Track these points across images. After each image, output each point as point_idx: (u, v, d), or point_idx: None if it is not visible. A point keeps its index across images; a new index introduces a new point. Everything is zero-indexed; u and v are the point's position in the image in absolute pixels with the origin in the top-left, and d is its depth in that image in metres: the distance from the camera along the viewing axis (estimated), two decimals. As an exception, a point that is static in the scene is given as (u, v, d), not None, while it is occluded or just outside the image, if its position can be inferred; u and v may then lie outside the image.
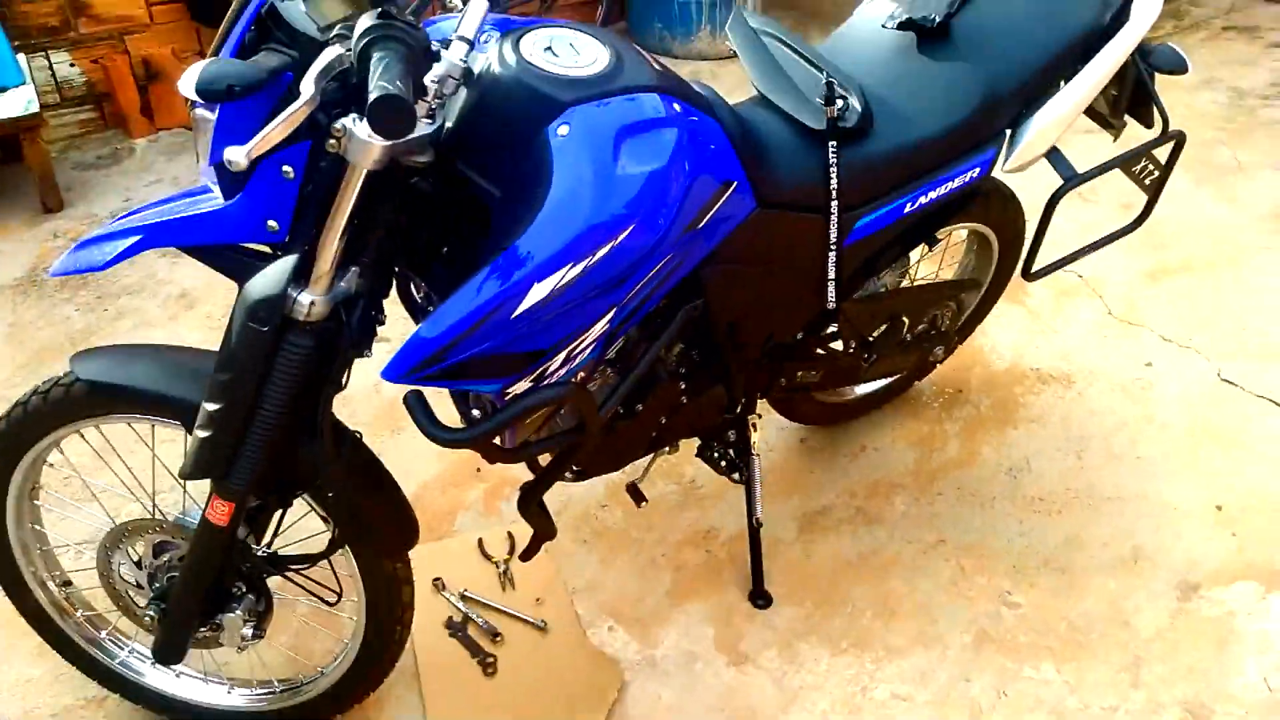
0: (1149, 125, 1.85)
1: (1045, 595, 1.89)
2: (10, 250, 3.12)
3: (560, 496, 2.12)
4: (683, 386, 1.61)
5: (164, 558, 1.48)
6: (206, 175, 1.19)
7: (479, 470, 2.23)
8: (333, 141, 1.08)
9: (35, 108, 3.24)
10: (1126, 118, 1.86)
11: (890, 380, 2.25)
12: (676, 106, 1.25)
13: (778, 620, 1.87)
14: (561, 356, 1.25)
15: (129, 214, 1.28)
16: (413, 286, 1.45)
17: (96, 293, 2.91)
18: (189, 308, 2.84)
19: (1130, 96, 1.80)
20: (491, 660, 1.79)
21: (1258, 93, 3.83)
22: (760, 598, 1.89)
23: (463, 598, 1.90)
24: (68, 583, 1.65)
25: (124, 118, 3.81)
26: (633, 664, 1.80)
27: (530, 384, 1.25)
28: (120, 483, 1.61)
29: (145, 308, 2.84)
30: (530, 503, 1.51)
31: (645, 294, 1.31)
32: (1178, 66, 1.69)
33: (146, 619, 1.51)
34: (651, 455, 1.74)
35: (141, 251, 1.21)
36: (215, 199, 1.20)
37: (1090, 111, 1.86)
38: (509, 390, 1.24)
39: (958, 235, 2.10)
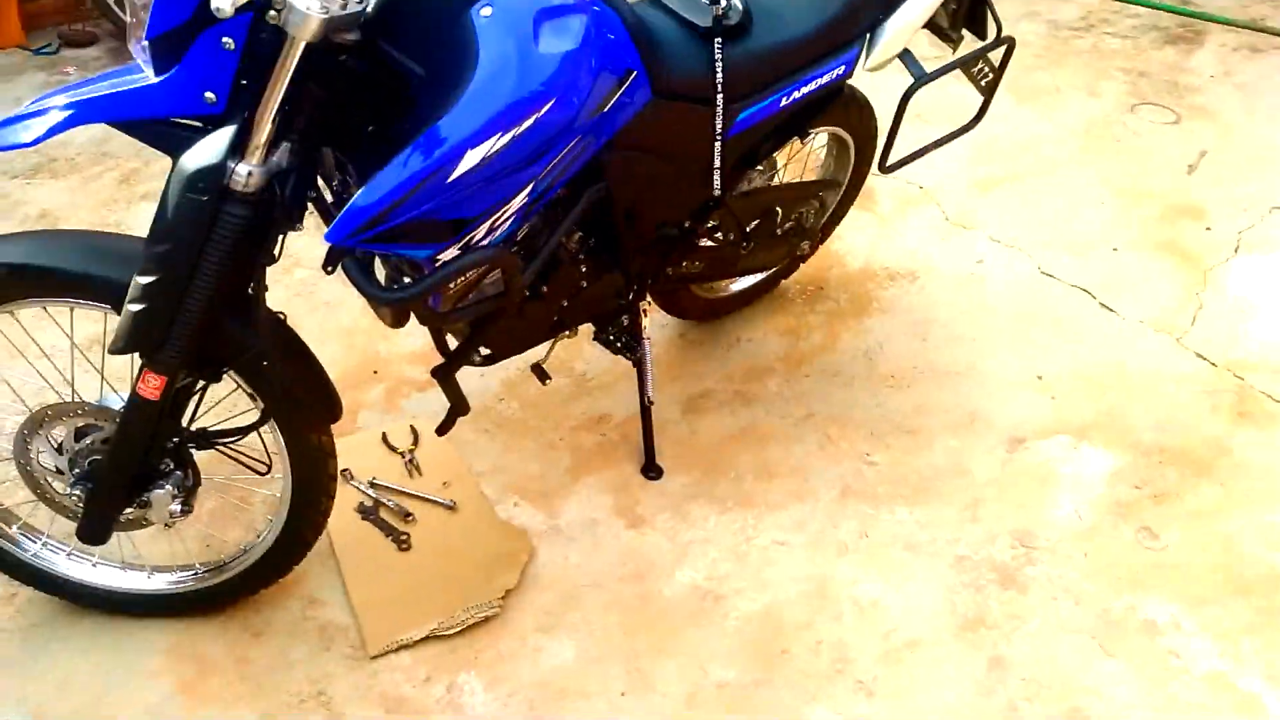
0: (983, 36, 2.08)
1: (898, 454, 2.15)
2: None
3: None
4: (583, 270, 1.75)
5: (86, 441, 1.51)
6: (137, 51, 1.22)
7: (375, 372, 2.31)
8: (273, 13, 1.15)
9: None
10: (964, 31, 2.09)
11: (761, 278, 2.45)
12: (580, -6, 1.37)
13: (669, 487, 2.05)
14: (485, 226, 1.36)
15: (52, 93, 1.29)
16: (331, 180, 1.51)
17: (-59, 213, 2.77)
18: (50, 225, 2.75)
19: (966, 10, 2.02)
20: (405, 536, 1.90)
21: (1070, 25, 4.22)
22: (652, 470, 2.07)
23: (372, 485, 1.99)
24: (-25, 477, 1.65)
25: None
26: (539, 532, 1.95)
27: (458, 251, 1.36)
28: (35, 371, 1.62)
29: (1, 229, 2.72)
30: (448, 375, 1.62)
31: (557, 172, 1.43)
32: (1007, -21, 1.92)
33: (70, 502, 1.54)
34: (553, 339, 1.87)
35: (73, 127, 1.23)
36: (146, 76, 1.24)
37: (932, 26, 2.08)
38: (438, 257, 1.35)
39: (819, 140, 2.29)
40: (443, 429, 1.73)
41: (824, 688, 1.71)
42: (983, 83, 2.01)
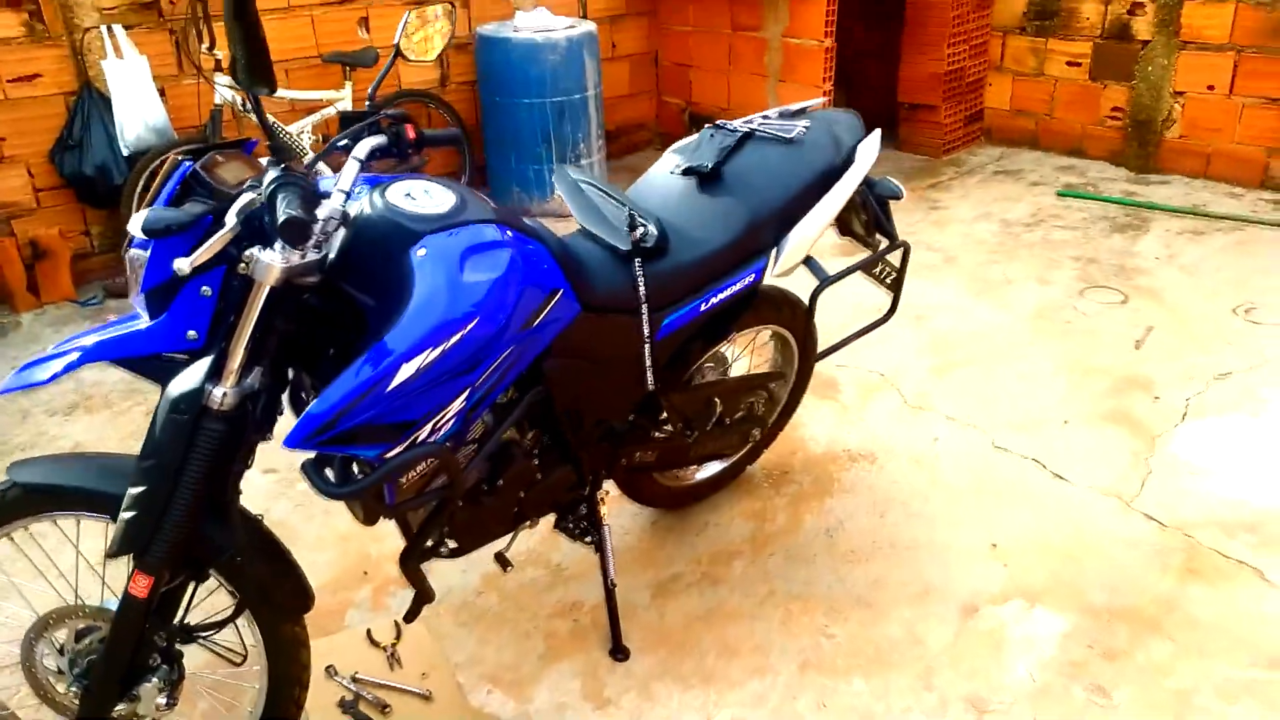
0: (894, 240, 2.36)
1: (856, 626, 2.25)
2: (-103, 419, 3.25)
3: (441, 586, 2.38)
4: (536, 464, 1.95)
5: (85, 641, 1.68)
6: (137, 303, 1.51)
7: (365, 573, 2.48)
8: (242, 265, 1.43)
9: (-75, 285, 3.44)
10: (878, 236, 2.37)
11: (725, 466, 2.64)
12: (509, 233, 1.66)
13: (636, 668, 2.16)
14: (428, 428, 1.59)
15: (67, 340, 1.56)
16: (301, 392, 1.77)
17: (-12, 451, 3.06)
18: (81, 458, 3.02)
19: (874, 221, 2.31)
20: (383, 728, 2.01)
21: (1022, 222, 4.58)
22: (619, 651, 2.18)
23: (354, 679, 2.12)
24: (-13, 683, 1.81)
25: (10, 294, 4.02)
26: (510, 719, 2.05)
27: (407, 449, 1.58)
28: (44, 578, 1.82)
29: (37, 461, 3.00)
30: (409, 562, 1.79)
31: (495, 379, 1.67)
32: (895, 193, 2.21)
33: (69, 701, 1.70)
34: (514, 530, 2.05)
35: (82, 366, 1.50)
36: (141, 321, 1.51)
37: (852, 234, 2.38)
38: (386, 456, 1.56)
39: (763, 337, 2.55)
40: (409, 616, 1.88)
41: None
42: (887, 281, 2.27)
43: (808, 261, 2.16)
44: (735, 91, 5.47)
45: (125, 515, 1.51)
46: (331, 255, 1.55)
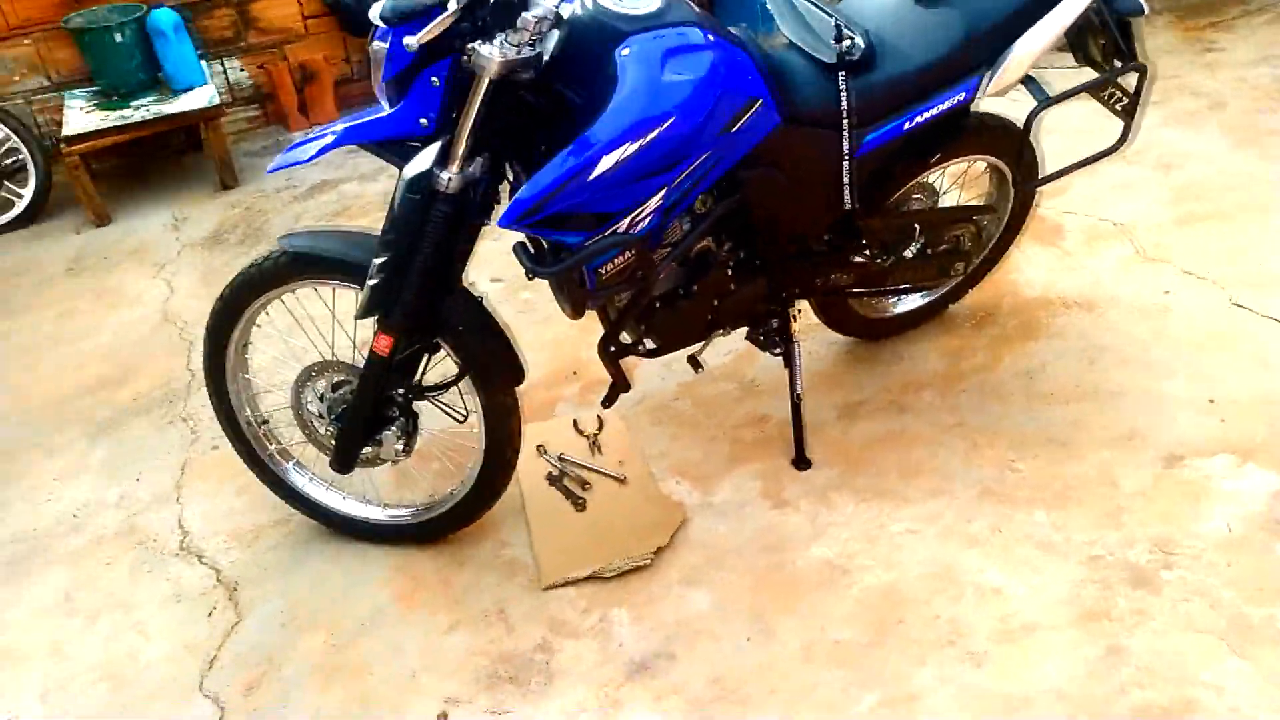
0: (1130, 62, 2.17)
1: (1045, 464, 2.23)
2: (198, 217, 3.79)
3: (641, 389, 2.57)
4: (730, 273, 2.05)
5: (340, 391, 2.00)
6: (380, 93, 1.70)
7: (575, 373, 2.70)
8: (466, 58, 1.57)
9: (217, 100, 3.93)
10: (1117, 62, 2.20)
11: (926, 301, 2.63)
12: (711, 37, 1.70)
13: (815, 478, 2.27)
14: (626, 221, 1.71)
15: (322, 128, 1.79)
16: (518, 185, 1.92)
17: (268, 246, 3.51)
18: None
19: (1114, 45, 2.13)
20: (581, 501, 2.25)
21: (1314, 67, 4.02)
22: (801, 461, 2.29)
23: (559, 458, 2.37)
24: (265, 421, 2.19)
25: (284, 114, 4.49)
26: (694, 506, 2.23)
27: (607, 239, 1.71)
28: (309, 340, 2.14)
29: (306, 259, 3.43)
30: (607, 350, 1.97)
31: (692, 181, 1.75)
32: (1136, 9, 2.03)
33: (327, 439, 2.03)
34: (709, 337, 2.17)
35: (335, 148, 1.72)
36: (384, 111, 1.71)
37: (1090, 61, 2.22)
38: (587, 245, 1.70)
39: (977, 169, 2.46)
40: (607, 402, 2.08)
41: (933, 654, 1.85)
42: (1118, 108, 2.12)
43: (1027, 82, 2.06)
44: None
45: (371, 282, 1.75)
46: (546, 55, 1.66)
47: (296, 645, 1.99)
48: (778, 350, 2.24)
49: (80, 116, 3.80)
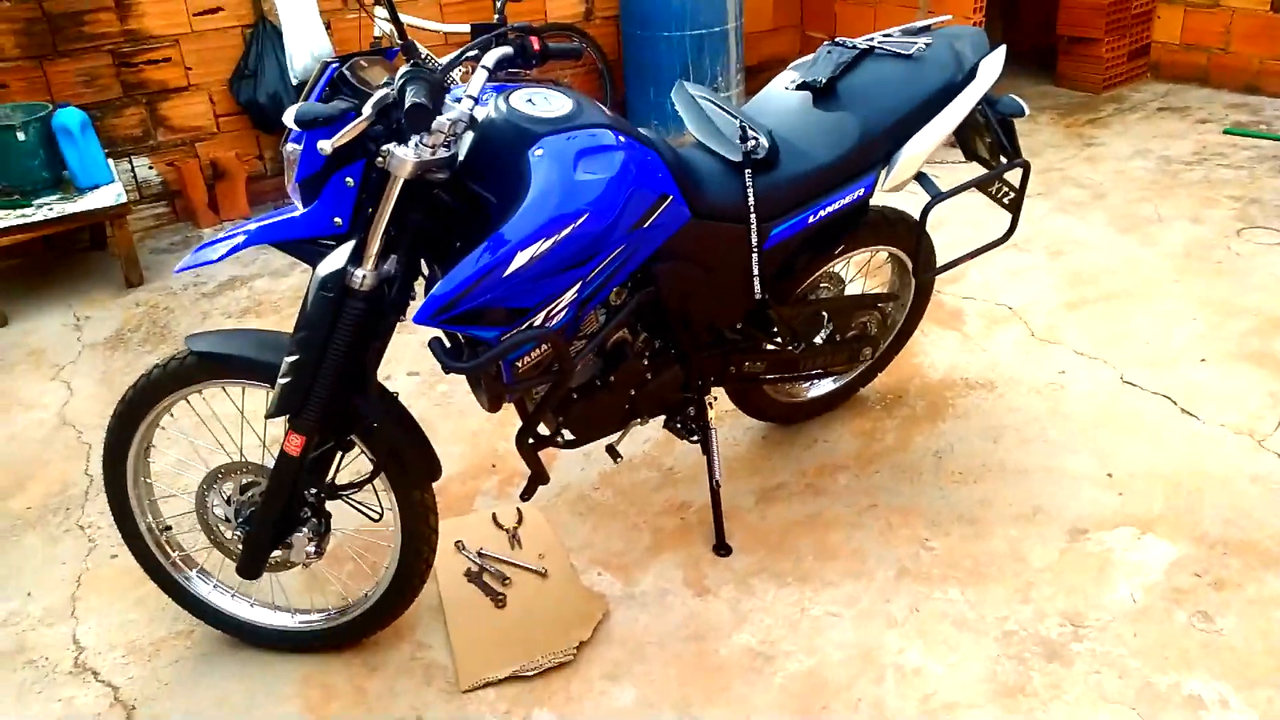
0: (1014, 159, 2.31)
1: (957, 541, 2.29)
2: (101, 317, 3.68)
3: (560, 481, 2.56)
4: (646, 364, 2.08)
5: (248, 494, 1.94)
6: (293, 193, 1.70)
7: (493, 466, 2.68)
8: (380, 159, 1.59)
9: (124, 199, 3.87)
10: (1002, 159, 2.34)
11: (836, 385, 2.70)
12: (622, 138, 1.76)
13: (736, 564, 2.27)
14: (541, 316, 1.73)
15: (233, 227, 1.78)
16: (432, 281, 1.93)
17: (175, 345, 3.44)
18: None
19: (999, 143, 2.28)
20: (501, 597, 2.20)
21: (1182, 160, 4.34)
22: (721, 548, 2.30)
23: (479, 554, 2.33)
24: (168, 528, 2.10)
25: (193, 211, 4.44)
26: (616, 598, 2.21)
27: (520, 334, 1.73)
28: (214, 440, 2.09)
29: (215, 357, 3.35)
30: (524, 442, 1.96)
31: (605, 275, 1.79)
32: (1017, 111, 2.18)
33: (234, 544, 1.96)
34: (626, 427, 2.19)
35: (246, 248, 1.71)
36: (296, 211, 1.71)
37: (976, 157, 2.36)
38: (502, 339, 1.72)
39: (879, 259, 2.57)
40: (525, 495, 2.06)
41: (858, 740, 1.84)
42: (1005, 200, 2.25)
43: (920, 178, 2.18)
44: (882, 24, 5.34)
45: (282, 381, 1.72)
46: (460, 155, 1.70)
47: (199, 766, 1.89)
48: (695, 438, 2.26)
49: (-24, 216, 3.69)
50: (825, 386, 2.70)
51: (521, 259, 1.62)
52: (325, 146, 1.51)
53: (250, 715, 1.98)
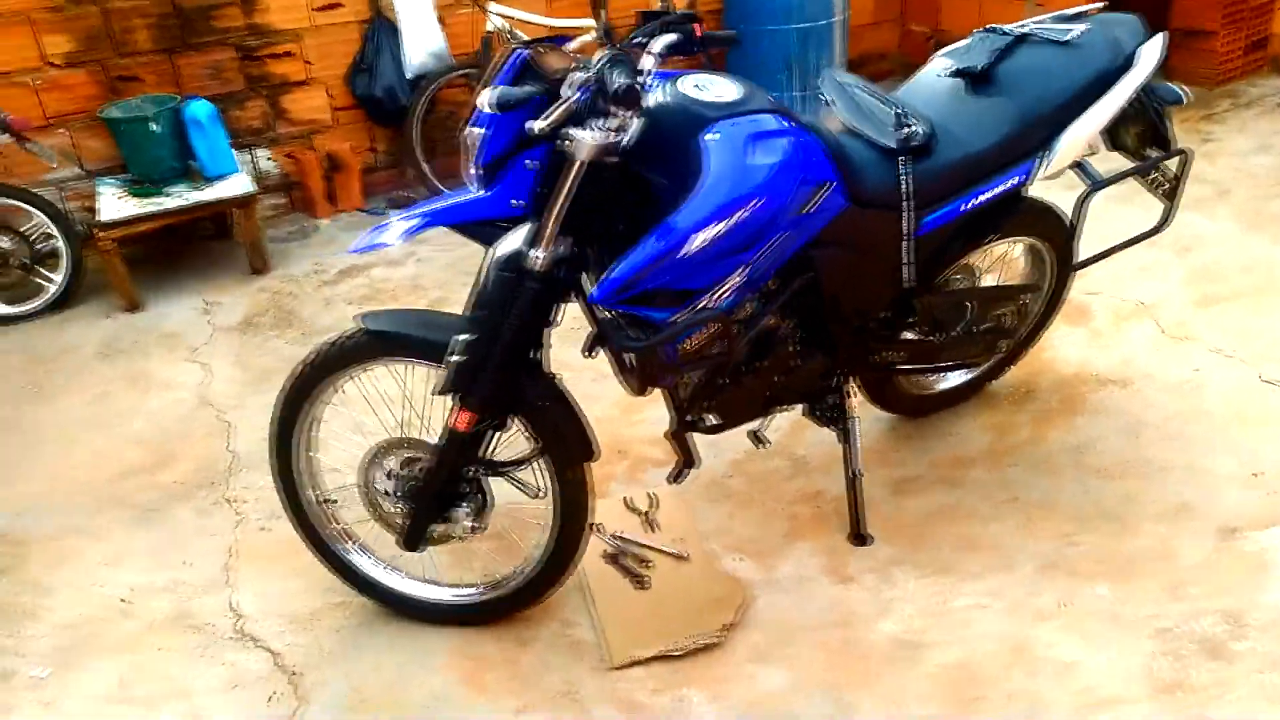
0: (1171, 148, 2.27)
1: (1103, 538, 2.25)
2: (229, 303, 3.82)
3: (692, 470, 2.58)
4: (794, 351, 2.09)
5: (410, 469, 2.00)
6: (470, 178, 1.75)
7: (621, 452, 2.72)
8: (562, 143, 1.63)
9: (252, 189, 3.99)
10: (1150, 150, 2.30)
11: (968, 378, 2.68)
12: (788, 123, 1.78)
13: (875, 554, 2.27)
14: (707, 298, 1.76)
15: (406, 210, 1.84)
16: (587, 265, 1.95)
17: (301, 330, 3.56)
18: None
19: (1150, 133, 2.24)
20: (643, 579, 2.24)
21: (1309, 154, 4.19)
22: (860, 537, 2.30)
23: (616, 537, 2.36)
24: (331, 500, 2.18)
25: (310, 202, 4.57)
26: (756, 583, 2.22)
27: (690, 315, 1.76)
28: (376, 417, 2.15)
29: (341, 342, 3.45)
30: (678, 429, 1.99)
31: (768, 260, 1.81)
32: (1176, 99, 2.14)
33: (394, 518, 2.03)
34: (768, 413, 2.20)
35: (425, 229, 1.77)
36: (472, 194, 1.76)
37: (1123, 147, 2.32)
38: (672, 321, 1.75)
39: (1015, 252, 2.54)
40: (676, 479, 2.09)
41: (1016, 731, 1.83)
42: (1160, 191, 2.21)
43: (1079, 166, 2.15)
44: (989, 18, 5.25)
45: (455, 359, 1.78)
46: (626, 141, 1.73)
47: (363, 730, 1.95)
48: (839, 427, 2.26)
49: (114, 203, 3.85)
50: (956, 379, 2.68)
51: (698, 241, 1.64)
52: (537, 126, 1.55)
53: (408, 682, 2.05)
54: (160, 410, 3.12)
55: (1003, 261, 2.54)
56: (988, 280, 2.53)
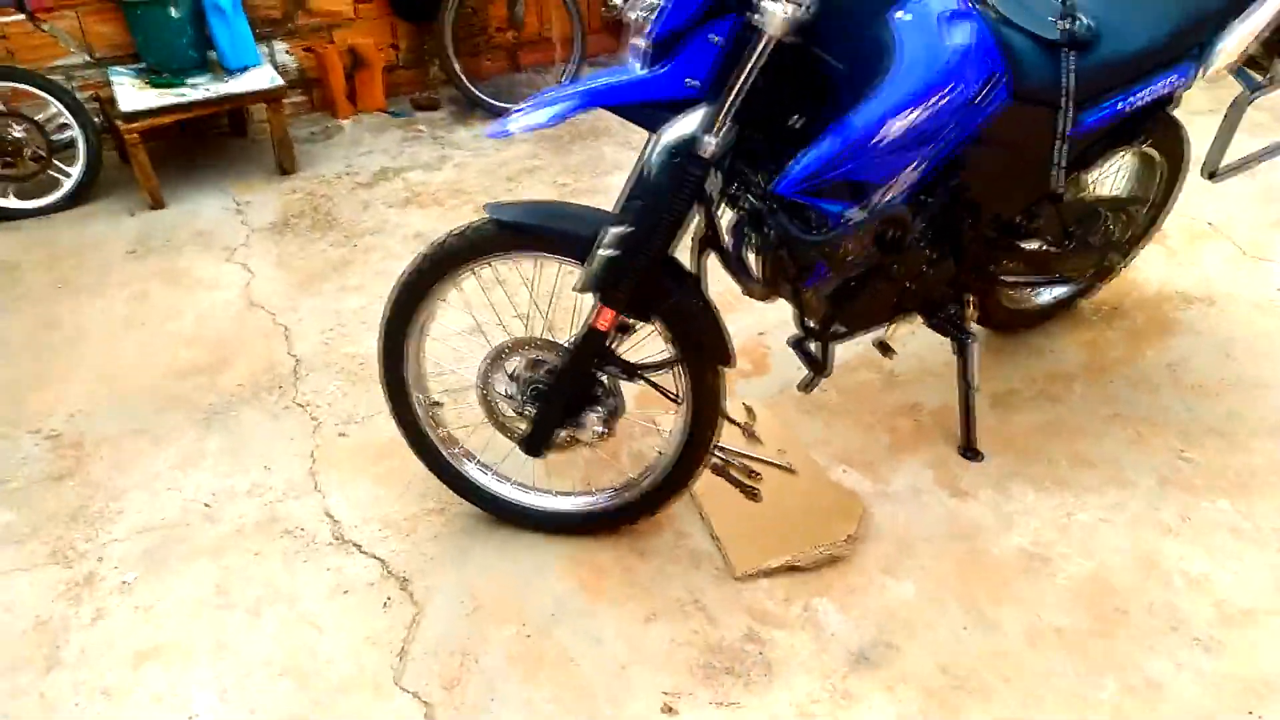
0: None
1: (1213, 454, 2.24)
2: (260, 202, 3.62)
3: (779, 378, 2.52)
4: (927, 254, 2.00)
5: (536, 371, 1.90)
6: (635, 54, 1.62)
7: (708, 362, 2.63)
8: (755, 16, 1.51)
9: (279, 82, 3.76)
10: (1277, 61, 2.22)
11: (1063, 293, 2.62)
12: (969, 5, 1.66)
13: (986, 467, 2.24)
14: (880, 193, 1.66)
15: (550, 90, 1.70)
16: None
17: (343, 233, 3.39)
18: (424, 243, 3.29)
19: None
20: (753, 490, 2.18)
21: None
22: (971, 451, 2.26)
23: (720, 449, 2.29)
24: (437, 403, 2.07)
25: (331, 100, 4.34)
26: (869, 494, 2.18)
27: (862, 211, 1.66)
28: (495, 312, 2.03)
29: (388, 244, 3.30)
30: (803, 344, 1.92)
31: (940, 153, 1.71)
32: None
33: (517, 422, 1.93)
34: (892, 321, 2.12)
35: (581, 110, 1.63)
36: (632, 72, 1.63)
37: (1249, 59, 2.23)
38: (845, 215, 1.65)
39: (1125, 160, 2.47)
40: (806, 387, 2.02)
41: (1162, 642, 1.82)
42: (1306, 98, 2.14)
43: (1238, 71, 2.06)
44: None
45: (605, 253, 1.66)
46: (810, 9, 1.59)
47: (488, 636, 1.89)
48: (960, 337, 2.19)
49: (134, 94, 3.60)
50: (1053, 294, 2.62)
51: (891, 128, 1.54)
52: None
53: (525, 588, 1.98)
54: (207, 311, 2.96)
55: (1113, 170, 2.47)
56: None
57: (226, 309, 2.96)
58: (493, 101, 4.33)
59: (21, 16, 3.36)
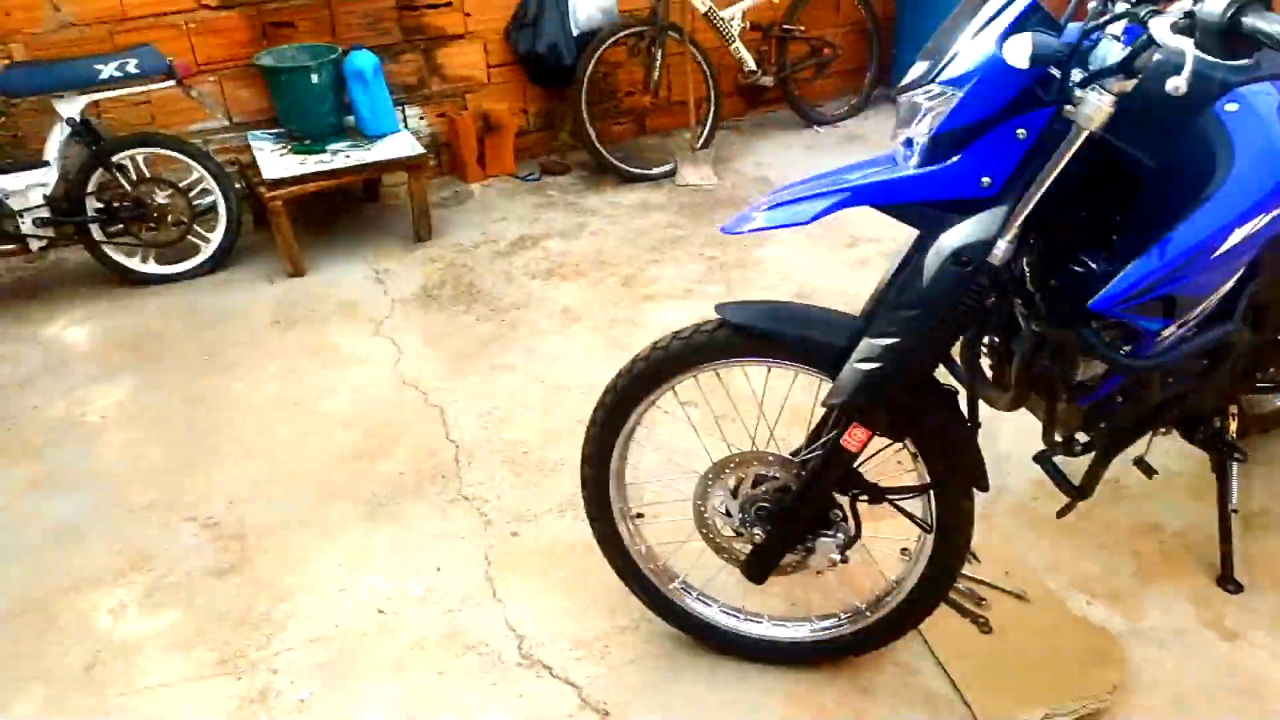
0: None
1: None
2: (400, 270, 3.53)
3: (992, 490, 2.27)
4: (1202, 363, 1.76)
5: (760, 488, 1.70)
6: (907, 146, 1.44)
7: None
8: (1069, 108, 1.31)
9: (421, 149, 3.68)
10: None
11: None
12: (1296, 92, 1.45)
13: (1254, 602, 1.96)
14: (1199, 308, 1.44)
15: (802, 183, 1.52)
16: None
17: (488, 305, 3.26)
18: (574, 320, 3.15)
19: None
20: (983, 620, 1.93)
21: None
22: (1231, 582, 1.99)
23: (937, 567, 2.06)
24: (639, 515, 1.88)
25: (462, 165, 4.26)
26: (1121, 633, 1.92)
27: (1178, 329, 1.44)
28: (719, 430, 1.85)
29: (535, 320, 3.16)
30: (1050, 461, 1.69)
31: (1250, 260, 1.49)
32: None
33: (728, 542, 1.73)
34: (1150, 433, 1.88)
35: (847, 208, 1.44)
36: (903, 167, 1.44)
37: None
38: (1162, 334, 1.43)
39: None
40: (1062, 513, 1.78)
41: None
42: None
43: None
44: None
45: (865, 366, 1.46)
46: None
47: (707, 790, 1.67)
48: (1230, 454, 1.94)
49: (275, 160, 3.56)
50: (1290, 399, 2.35)
51: (1237, 236, 1.33)
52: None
53: (740, 732, 1.76)
54: (360, 388, 2.84)
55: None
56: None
57: (378, 386, 2.84)
58: (624, 166, 4.21)
59: (172, 83, 3.33)
